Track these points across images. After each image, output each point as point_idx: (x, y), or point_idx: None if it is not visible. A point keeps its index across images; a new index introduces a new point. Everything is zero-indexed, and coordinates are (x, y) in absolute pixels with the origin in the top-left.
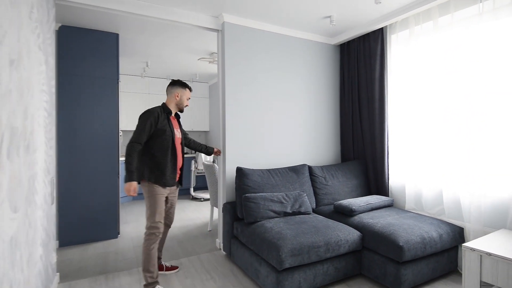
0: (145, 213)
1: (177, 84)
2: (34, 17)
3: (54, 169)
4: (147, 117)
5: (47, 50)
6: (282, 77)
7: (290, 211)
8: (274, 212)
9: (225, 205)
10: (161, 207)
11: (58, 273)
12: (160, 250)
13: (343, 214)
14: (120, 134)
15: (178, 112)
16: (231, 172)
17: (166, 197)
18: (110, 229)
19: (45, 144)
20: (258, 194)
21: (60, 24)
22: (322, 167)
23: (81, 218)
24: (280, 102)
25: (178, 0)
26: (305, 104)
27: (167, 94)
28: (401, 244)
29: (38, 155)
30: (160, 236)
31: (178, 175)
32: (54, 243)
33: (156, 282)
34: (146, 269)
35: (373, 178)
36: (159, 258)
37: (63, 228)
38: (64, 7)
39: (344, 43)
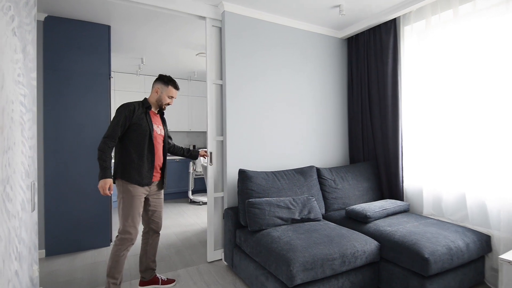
0: (118, 215)
1: (160, 79)
2: None
3: (35, 172)
4: (121, 111)
5: (25, 37)
6: (286, 73)
7: (299, 218)
8: (281, 219)
9: (226, 211)
10: (136, 209)
11: None
12: (153, 260)
13: (357, 221)
14: None
15: (162, 110)
16: (232, 175)
17: (147, 200)
18: (102, 237)
19: (22, 143)
20: (263, 199)
21: (46, 15)
22: (331, 169)
23: (70, 225)
24: (284, 99)
25: None
26: (311, 102)
27: (151, 88)
28: (426, 256)
29: (11, 156)
30: (133, 242)
31: (159, 175)
32: (35, 254)
33: None
34: (111, 275)
35: (386, 181)
36: (153, 270)
37: (50, 236)
38: None
39: (352, 37)
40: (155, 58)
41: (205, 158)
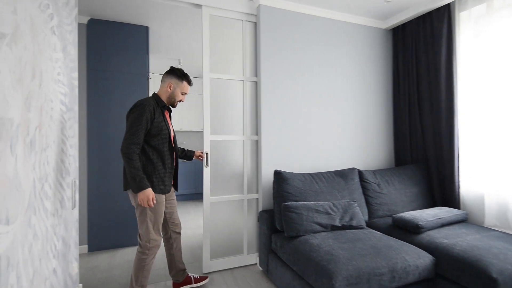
0: (138, 228)
1: (172, 73)
2: None
3: (77, 170)
4: (141, 112)
5: (65, 37)
6: (325, 69)
7: (339, 225)
8: (320, 225)
9: (261, 214)
10: (161, 216)
11: (81, 284)
12: (181, 262)
13: (406, 231)
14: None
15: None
16: (267, 176)
17: None
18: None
19: (62, 142)
20: (300, 202)
21: (89, 17)
22: (374, 172)
23: (111, 222)
24: (322, 96)
25: None
26: (351, 99)
27: (161, 83)
28: (494, 275)
29: (50, 154)
30: (159, 247)
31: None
32: (75, 251)
33: None
34: (140, 284)
35: (438, 186)
36: (184, 270)
37: (92, 233)
38: None
39: (398, 27)
40: (191, 58)
41: (200, 159)
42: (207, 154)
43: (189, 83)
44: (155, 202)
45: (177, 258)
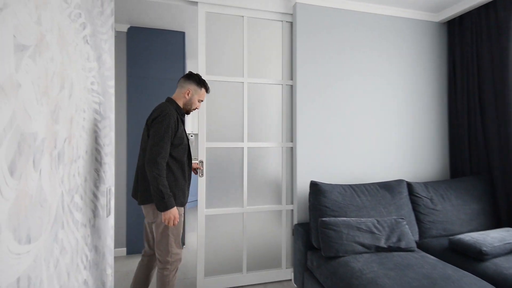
0: (157, 244)
1: (192, 79)
2: (73, 2)
3: (112, 177)
4: (167, 122)
5: (100, 46)
6: (368, 69)
7: (385, 246)
8: (363, 245)
9: (296, 227)
10: (180, 232)
11: None
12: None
13: (467, 256)
14: (191, 135)
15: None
16: (303, 186)
17: None
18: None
19: (96, 151)
20: (340, 218)
21: (128, 25)
22: (426, 184)
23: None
24: (364, 100)
25: None
26: (398, 101)
27: (177, 88)
28: None
29: (81, 164)
30: (179, 265)
31: None
32: (110, 258)
33: None
34: None
35: (505, 202)
36: None
37: (131, 236)
38: (124, 3)
39: (454, 19)
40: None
41: (195, 173)
42: (202, 162)
43: (207, 90)
44: (177, 220)
45: (149, 281)
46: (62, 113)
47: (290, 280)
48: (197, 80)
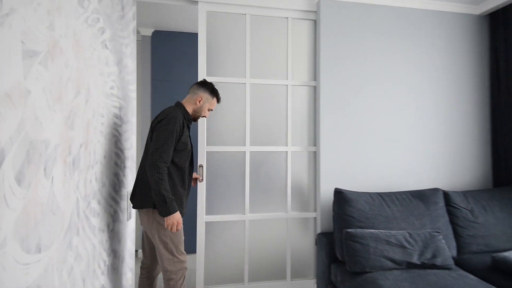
0: (159, 255)
1: (205, 87)
2: (90, 7)
3: (133, 181)
4: (172, 126)
5: (120, 50)
6: (398, 68)
7: (418, 262)
8: (392, 261)
9: (319, 237)
10: (182, 238)
11: None
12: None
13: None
14: None
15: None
16: (327, 193)
17: None
18: (189, 243)
19: (115, 155)
20: (367, 230)
21: (153, 30)
22: (466, 194)
23: None
24: (394, 100)
25: None
26: (432, 102)
27: (189, 93)
28: None
29: (98, 170)
30: (185, 272)
31: None
32: (130, 262)
33: None
34: None
35: None
36: None
37: None
38: (148, 7)
39: (496, 11)
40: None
41: (194, 184)
42: (201, 167)
43: (218, 100)
44: (181, 226)
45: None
46: (77, 119)
47: None
48: (211, 89)
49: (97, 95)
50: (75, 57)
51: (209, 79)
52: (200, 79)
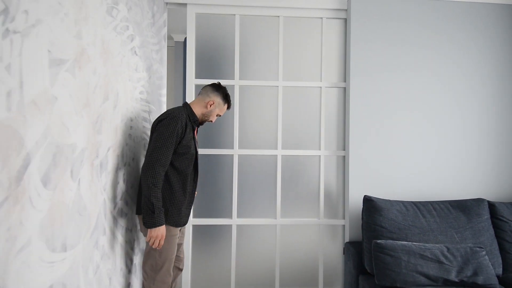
0: (143, 264)
1: (220, 91)
2: (119, 16)
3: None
4: (172, 127)
5: (150, 56)
6: (439, 64)
7: (456, 280)
8: (427, 277)
9: (347, 246)
10: (171, 257)
11: None
12: None
13: None
14: None
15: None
16: (356, 200)
17: None
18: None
19: (143, 157)
20: (399, 242)
21: (185, 36)
22: None
23: None
24: (433, 101)
25: None
26: (474, 102)
27: (199, 95)
28: None
29: (128, 171)
30: None
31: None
32: None
33: None
34: None
35: None
36: None
37: None
38: (180, 13)
39: None
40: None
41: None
42: None
43: (229, 107)
44: (163, 243)
45: None
46: (105, 124)
47: None
48: (224, 94)
49: (126, 100)
50: (103, 64)
51: (207, 82)
52: (188, 81)
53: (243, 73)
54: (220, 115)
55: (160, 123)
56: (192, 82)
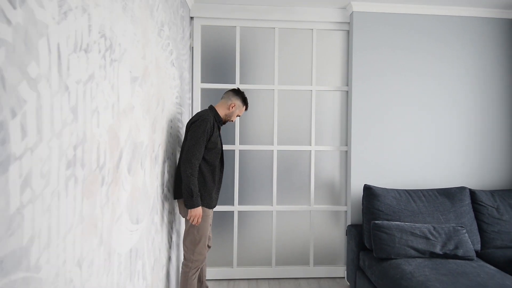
0: (184, 240)
1: (240, 95)
2: (164, 35)
3: None
4: (203, 127)
5: (181, 66)
6: (429, 70)
7: (441, 252)
8: (416, 250)
9: (349, 228)
10: (206, 233)
11: None
12: (205, 277)
13: None
14: None
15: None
16: (357, 190)
17: None
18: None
19: (178, 152)
20: (393, 222)
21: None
22: (493, 193)
23: None
24: (424, 102)
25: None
26: (463, 104)
27: (222, 98)
28: None
29: (168, 164)
30: (204, 263)
31: None
32: None
33: None
34: None
35: None
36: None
37: None
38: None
39: None
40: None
41: None
42: None
43: (247, 108)
44: (201, 221)
45: (204, 273)
46: (158, 125)
47: (343, 277)
48: (243, 98)
49: (168, 105)
50: (156, 76)
51: (211, 86)
52: (195, 85)
53: (243, 77)
54: (239, 115)
55: (194, 124)
56: (198, 86)
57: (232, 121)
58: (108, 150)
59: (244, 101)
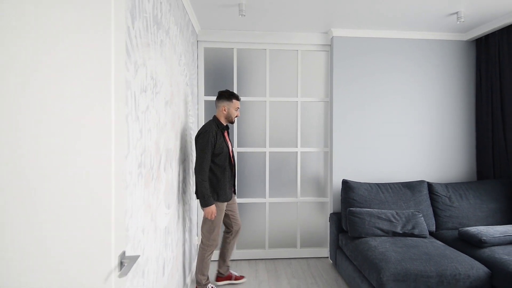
0: (202, 228)
1: (222, 97)
2: (182, 63)
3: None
4: (206, 138)
5: (192, 84)
6: (398, 82)
7: (401, 232)
8: (381, 230)
9: (331, 216)
10: (219, 224)
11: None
12: (229, 258)
13: (470, 244)
14: None
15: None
16: (337, 184)
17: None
18: None
19: (191, 155)
20: (364, 209)
21: None
22: (447, 185)
23: None
24: (393, 110)
25: (287, 24)
26: (425, 110)
27: (216, 107)
28: None
29: (186, 164)
30: (217, 247)
31: (233, 186)
32: (196, 230)
33: (208, 282)
34: (201, 272)
35: None
36: (228, 266)
37: None
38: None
39: (480, 38)
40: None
41: None
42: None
43: (238, 98)
44: (215, 215)
45: (228, 253)
46: (179, 135)
47: (327, 257)
48: (226, 96)
49: (185, 117)
50: (178, 97)
51: (213, 98)
52: (199, 98)
53: (240, 91)
54: (238, 108)
55: (199, 137)
56: (202, 98)
57: (237, 116)
58: (154, 155)
59: (230, 97)
